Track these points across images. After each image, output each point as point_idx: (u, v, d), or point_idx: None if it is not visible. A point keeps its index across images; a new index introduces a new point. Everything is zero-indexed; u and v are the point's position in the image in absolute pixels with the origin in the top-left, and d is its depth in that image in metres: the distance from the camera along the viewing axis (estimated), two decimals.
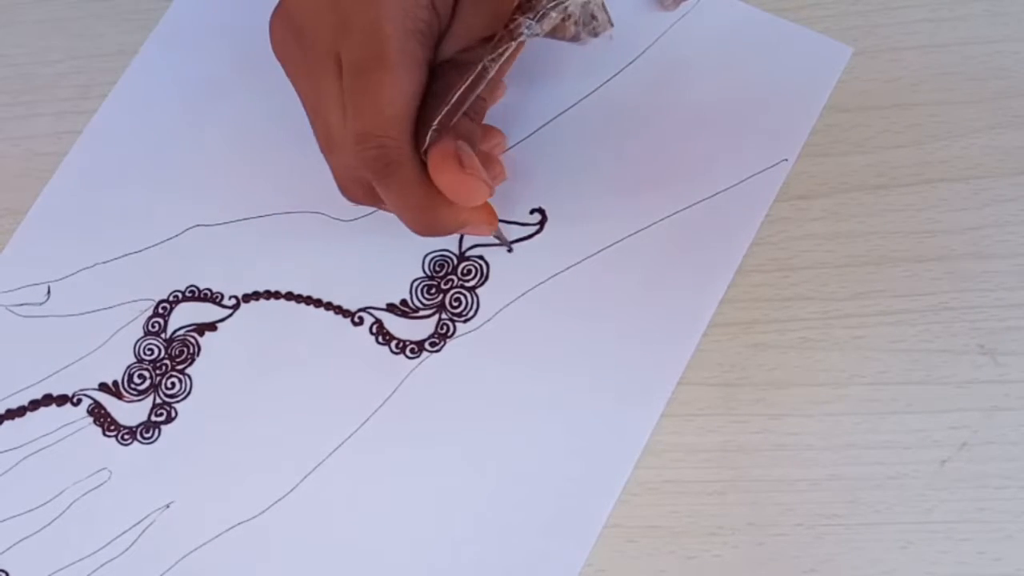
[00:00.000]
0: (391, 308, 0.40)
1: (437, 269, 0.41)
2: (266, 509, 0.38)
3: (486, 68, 0.33)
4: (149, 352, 0.41)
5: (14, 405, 0.41)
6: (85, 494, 0.39)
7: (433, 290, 0.40)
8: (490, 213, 0.37)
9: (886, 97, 0.40)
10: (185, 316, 0.41)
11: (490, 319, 0.40)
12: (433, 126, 0.33)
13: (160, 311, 0.41)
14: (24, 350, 0.42)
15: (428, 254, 0.41)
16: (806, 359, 0.38)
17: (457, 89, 0.33)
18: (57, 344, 0.41)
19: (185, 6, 0.46)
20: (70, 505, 0.39)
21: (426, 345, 0.40)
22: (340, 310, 0.41)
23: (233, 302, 0.41)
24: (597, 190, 0.40)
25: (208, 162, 0.43)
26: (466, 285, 0.40)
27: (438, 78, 0.35)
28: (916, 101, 0.40)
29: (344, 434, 0.39)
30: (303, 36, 0.35)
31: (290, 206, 0.42)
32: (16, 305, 0.42)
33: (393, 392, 0.39)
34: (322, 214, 0.42)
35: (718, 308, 0.38)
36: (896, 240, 0.39)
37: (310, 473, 0.39)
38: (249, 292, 0.41)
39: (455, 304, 0.40)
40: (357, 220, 0.41)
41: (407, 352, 0.40)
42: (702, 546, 0.36)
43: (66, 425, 0.40)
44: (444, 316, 0.40)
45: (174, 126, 0.44)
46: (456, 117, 0.34)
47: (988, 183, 0.39)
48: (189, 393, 0.40)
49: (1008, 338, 0.37)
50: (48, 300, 0.42)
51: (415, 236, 0.36)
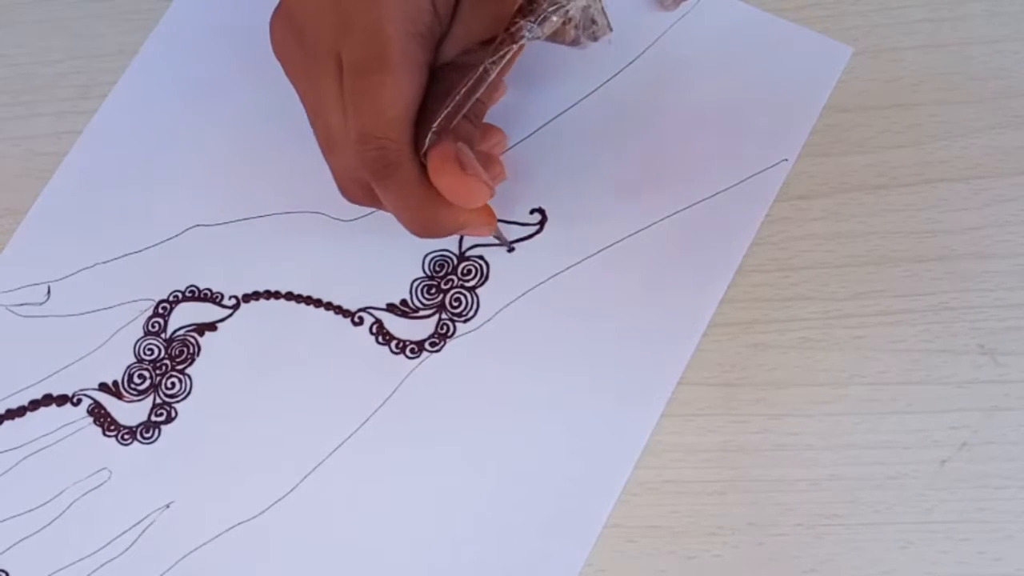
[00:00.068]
0: (391, 308, 0.40)
1: (437, 269, 0.41)
2: (266, 509, 0.38)
3: (486, 71, 0.33)
4: (149, 352, 0.41)
5: (14, 405, 0.41)
6: (85, 494, 0.39)
7: (433, 290, 0.40)
8: (489, 214, 0.37)
9: (886, 97, 0.40)
10: (185, 316, 0.41)
11: (490, 319, 0.40)
12: (433, 128, 0.33)
13: (160, 311, 0.41)
14: (24, 350, 0.42)
15: (428, 254, 0.41)
16: (806, 359, 0.38)
17: (457, 92, 0.33)
18: (57, 344, 0.41)
19: (185, 6, 0.46)
20: (70, 505, 0.39)
21: (426, 345, 0.40)
22: (340, 310, 0.41)
23: (233, 302, 0.41)
24: (597, 190, 0.40)
25: (208, 162, 0.43)
26: (466, 285, 0.40)
27: (438, 80, 0.35)
28: (916, 101, 0.40)
29: (344, 434, 0.39)
30: (304, 36, 0.35)
31: (290, 206, 0.42)
32: (16, 305, 0.42)
33: (393, 392, 0.39)
34: (322, 214, 0.42)
35: (718, 308, 0.38)
36: (896, 240, 0.39)
37: (310, 473, 0.39)
38: (249, 292, 0.41)
39: (455, 304, 0.40)
40: (357, 220, 0.41)
41: (407, 352, 0.40)
42: (702, 546, 0.36)
43: (66, 425, 0.40)
44: (444, 316, 0.40)
45: (174, 126, 0.44)
46: (456, 119, 0.34)
47: (988, 183, 0.39)
48: (189, 393, 0.40)
49: (1008, 338, 0.37)
50: (48, 300, 0.42)
51: (415, 236, 0.36)
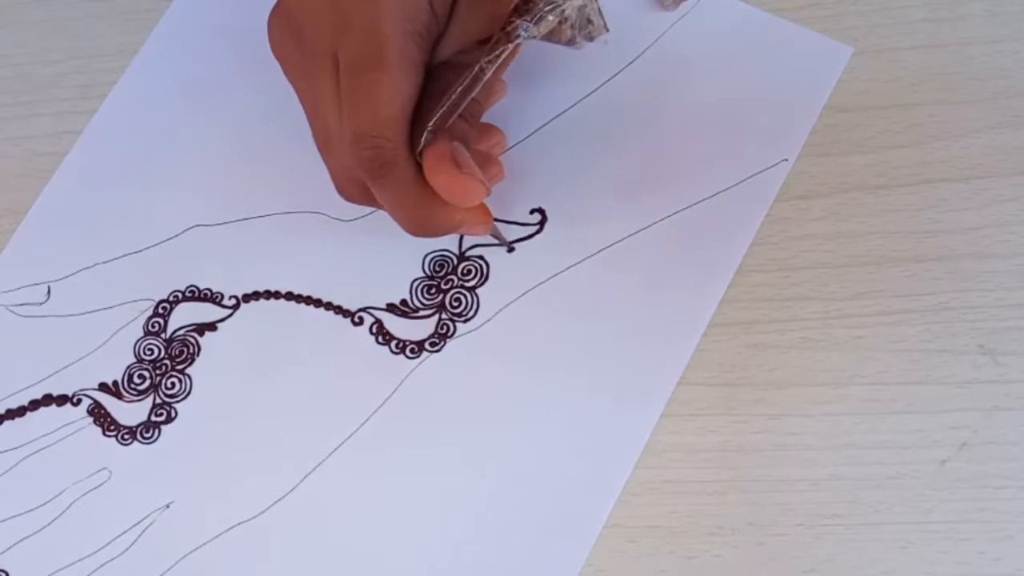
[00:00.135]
0: (391, 308, 0.40)
1: (437, 269, 0.41)
2: (266, 509, 0.38)
3: (482, 70, 0.33)
4: (149, 352, 0.41)
5: (14, 405, 0.41)
6: (85, 494, 0.39)
7: (433, 290, 0.40)
8: (485, 213, 0.37)
9: (886, 97, 0.40)
10: (185, 316, 0.41)
11: (490, 319, 0.40)
12: (428, 127, 0.33)
13: (160, 311, 0.41)
14: (24, 350, 0.42)
15: (428, 254, 0.41)
16: (806, 359, 0.38)
17: (453, 91, 0.33)
18: (57, 344, 0.41)
19: (185, 6, 0.46)
20: (70, 505, 0.39)
21: (426, 345, 0.40)
22: (340, 310, 0.41)
23: (233, 302, 0.41)
24: (597, 190, 0.40)
25: (208, 162, 0.43)
26: (466, 285, 0.40)
27: (435, 80, 0.35)
28: (916, 101, 0.40)
29: (344, 434, 0.39)
30: (301, 35, 0.35)
31: (290, 206, 0.42)
32: (16, 305, 0.42)
33: (393, 392, 0.39)
34: (322, 214, 0.42)
35: (718, 308, 0.38)
36: (896, 240, 0.39)
37: (310, 473, 0.39)
38: (249, 292, 0.41)
39: (455, 304, 0.40)
40: (357, 220, 0.41)
41: (407, 352, 0.40)
42: (702, 546, 0.36)
43: (66, 425, 0.40)
44: (444, 316, 0.40)
45: (174, 126, 0.44)
46: (452, 119, 0.34)
47: (988, 183, 0.39)
48: (189, 393, 0.40)
49: (1008, 338, 0.37)
50: (48, 300, 0.42)
51: (411, 236, 0.36)
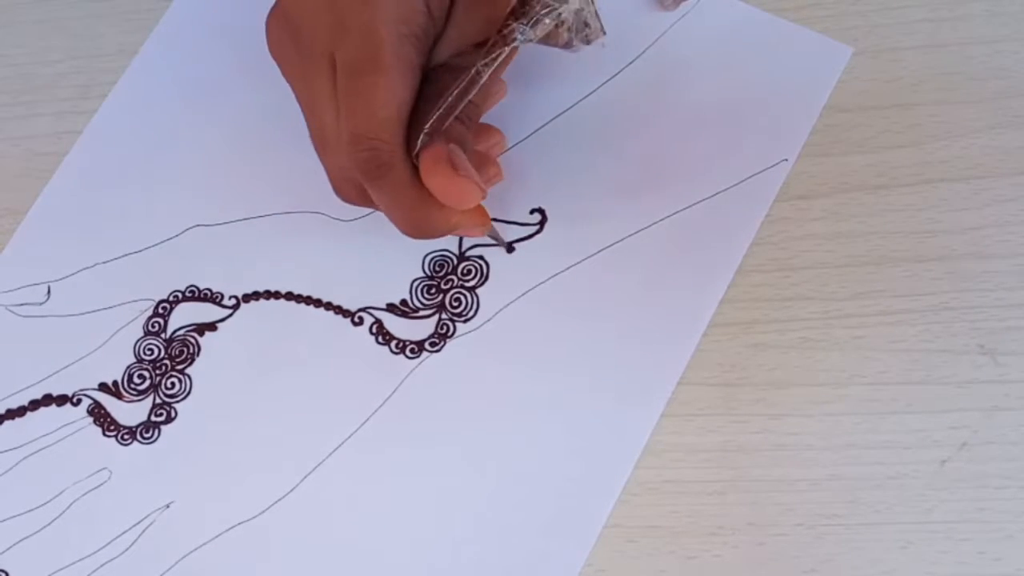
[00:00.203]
0: (391, 308, 0.40)
1: (437, 269, 0.41)
2: (266, 509, 0.38)
3: (479, 73, 0.33)
4: (149, 352, 0.41)
5: (14, 405, 0.41)
6: (85, 494, 0.39)
7: (433, 290, 0.40)
8: (482, 215, 0.37)
9: (886, 97, 0.40)
10: (185, 316, 0.41)
11: (490, 319, 0.40)
12: (425, 129, 0.33)
13: (160, 311, 0.41)
14: (24, 350, 0.42)
15: (428, 254, 0.41)
16: (806, 359, 0.38)
17: (449, 93, 0.33)
18: (57, 344, 0.41)
19: (185, 6, 0.46)
20: (70, 505, 0.39)
21: (426, 345, 0.40)
22: (340, 310, 0.41)
23: (233, 302, 0.41)
24: (597, 190, 0.40)
25: (208, 162, 0.43)
26: (466, 285, 0.40)
27: (431, 82, 0.35)
28: (916, 101, 0.40)
29: (344, 434, 0.39)
30: (299, 36, 0.35)
31: (290, 206, 0.42)
32: (16, 305, 0.42)
33: (393, 392, 0.39)
34: (322, 214, 0.42)
35: (718, 308, 0.38)
36: (896, 240, 0.39)
37: (310, 473, 0.39)
38: (249, 292, 0.41)
39: (455, 304, 0.40)
40: (357, 220, 0.41)
41: (407, 352, 0.40)
42: (702, 546, 0.36)
43: (66, 425, 0.40)
44: (444, 316, 0.40)
45: (174, 126, 0.44)
46: (448, 121, 0.34)
47: (988, 183, 0.39)
48: (189, 393, 0.40)
49: (1008, 338, 0.37)
50: (48, 300, 0.42)
51: (408, 237, 0.36)
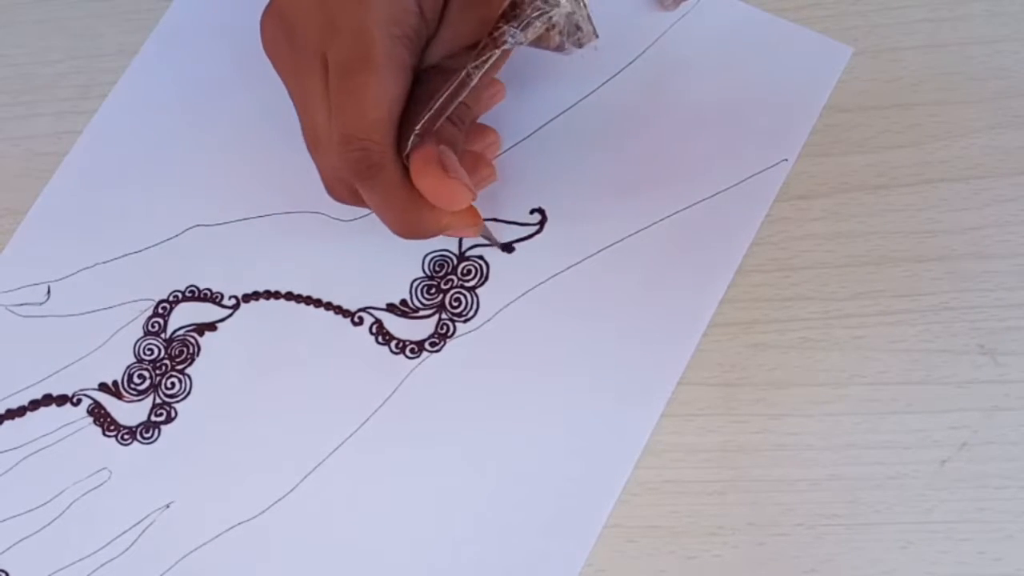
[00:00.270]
0: (391, 308, 0.40)
1: (437, 269, 0.41)
2: (266, 509, 0.38)
3: (469, 75, 0.33)
4: (149, 352, 0.41)
5: (14, 405, 0.41)
6: (85, 494, 0.39)
7: (433, 290, 0.40)
8: (473, 216, 0.37)
9: (886, 97, 0.40)
10: (185, 316, 0.41)
11: (490, 319, 0.40)
12: (416, 131, 0.33)
13: (160, 311, 0.41)
14: (24, 350, 0.42)
15: (428, 254, 0.41)
16: (806, 359, 0.38)
17: (440, 95, 0.33)
18: (57, 344, 0.41)
19: (185, 6, 0.46)
20: (70, 505, 0.39)
21: (426, 345, 0.40)
22: (340, 310, 0.41)
23: (233, 302, 0.41)
24: (597, 190, 0.40)
25: (208, 162, 0.43)
26: (466, 285, 0.40)
27: (423, 83, 0.35)
28: (916, 101, 0.40)
29: (344, 434, 0.39)
30: (292, 35, 0.35)
31: (290, 206, 0.42)
32: (16, 305, 0.42)
33: (393, 392, 0.39)
34: (322, 214, 0.42)
35: (718, 308, 0.38)
36: (896, 240, 0.39)
37: (310, 473, 0.39)
38: (249, 292, 0.41)
39: (455, 304, 0.40)
40: (357, 220, 0.41)
41: (407, 352, 0.40)
42: (702, 546, 0.36)
43: (66, 425, 0.40)
44: (444, 316, 0.40)
45: (174, 126, 0.44)
46: (439, 122, 0.34)
47: (988, 183, 0.39)
48: (189, 393, 0.40)
49: (1008, 338, 0.37)
50: (48, 300, 0.42)
51: (399, 238, 0.36)
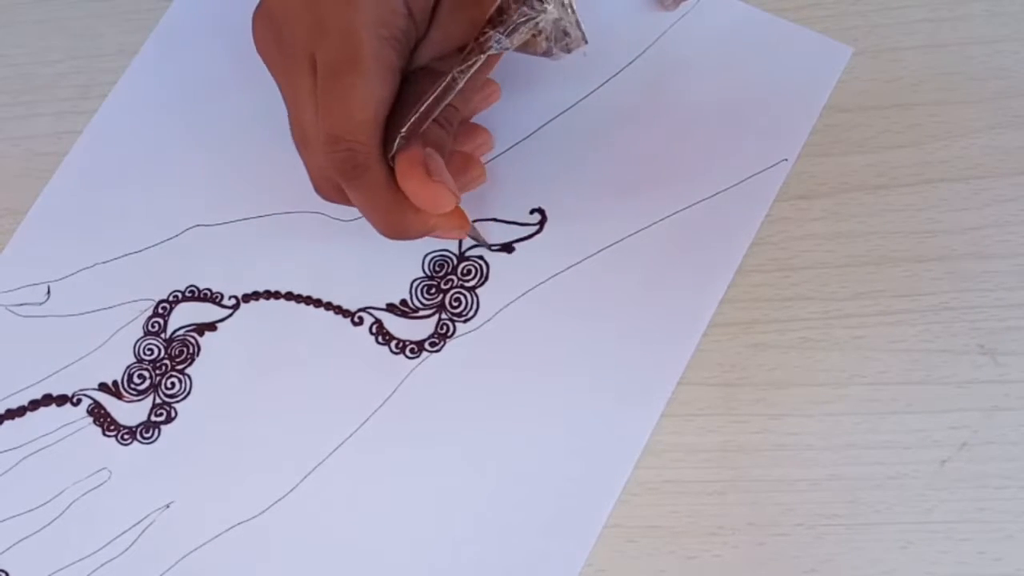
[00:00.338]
0: (391, 308, 0.40)
1: (437, 269, 0.41)
2: (266, 509, 0.38)
3: (455, 79, 0.33)
4: (149, 352, 0.41)
5: (14, 405, 0.41)
6: (85, 494, 0.39)
7: (433, 290, 0.40)
8: (460, 219, 0.37)
9: (886, 97, 0.40)
10: (185, 316, 0.41)
11: (490, 319, 0.40)
12: (402, 133, 0.34)
13: (160, 311, 0.41)
14: (24, 350, 0.41)
15: (428, 254, 0.41)
16: (806, 359, 0.38)
17: (427, 98, 0.33)
18: (57, 344, 0.41)
19: (185, 6, 0.46)
20: (70, 505, 0.39)
21: (426, 345, 0.40)
22: (340, 310, 0.41)
23: (233, 302, 0.41)
24: (597, 190, 0.40)
25: (208, 162, 0.43)
26: (466, 285, 0.40)
27: (412, 84, 0.35)
28: (916, 101, 0.40)
29: (344, 434, 0.39)
30: (281, 35, 0.35)
31: (290, 206, 0.42)
32: (16, 305, 0.42)
33: (393, 392, 0.39)
34: (322, 214, 0.42)
35: (718, 308, 0.38)
36: (896, 240, 0.39)
37: (310, 473, 0.39)
38: (249, 292, 0.41)
39: (455, 304, 0.40)
40: (357, 220, 0.41)
41: (407, 352, 0.40)
42: (702, 546, 0.36)
43: (66, 425, 0.40)
44: (444, 316, 0.40)
45: (174, 126, 0.44)
46: (425, 125, 0.34)
47: (988, 183, 0.39)
48: (189, 393, 0.40)
49: (1008, 338, 0.37)
50: (48, 300, 0.42)
51: (386, 238, 0.36)
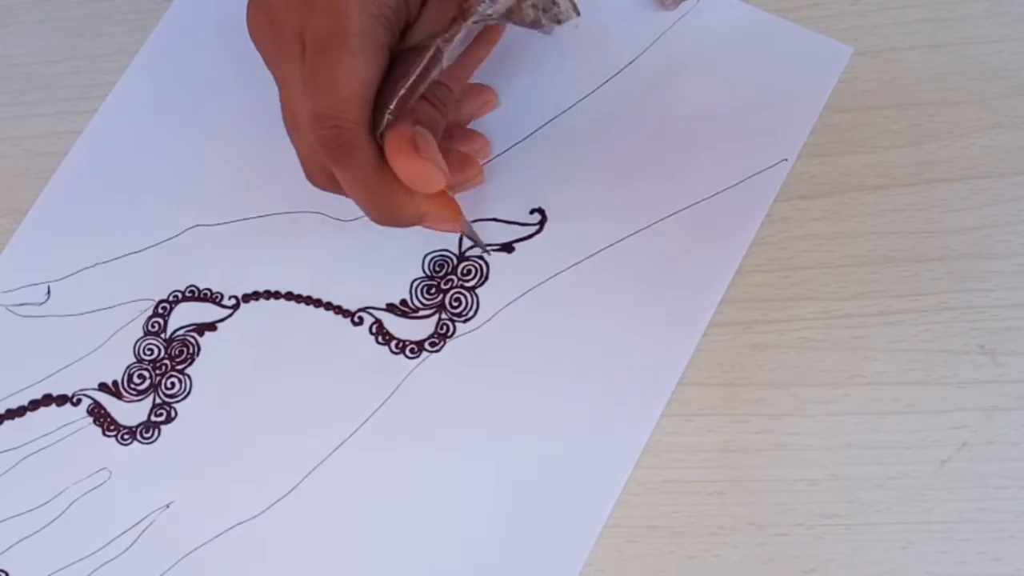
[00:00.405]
0: (391, 308, 0.40)
1: (437, 269, 0.40)
2: (266, 509, 0.38)
3: (439, 49, 0.32)
4: (149, 352, 0.41)
5: (14, 405, 0.41)
6: (85, 494, 0.39)
7: (433, 290, 0.40)
8: (452, 210, 0.36)
9: (886, 97, 0.40)
10: (185, 316, 0.41)
11: (490, 319, 0.40)
12: (389, 109, 0.33)
13: (160, 311, 0.41)
14: (24, 350, 0.41)
15: (428, 254, 0.41)
16: (806, 359, 0.38)
17: (412, 72, 0.33)
18: (57, 344, 0.41)
19: (185, 6, 0.46)
20: (70, 505, 0.39)
21: (426, 345, 0.40)
22: (340, 310, 0.41)
23: (233, 302, 0.41)
24: (597, 190, 0.40)
25: (208, 162, 0.43)
26: (466, 285, 0.40)
27: (403, 63, 0.34)
28: (916, 101, 0.40)
29: (344, 434, 0.39)
30: (273, 19, 0.35)
31: (290, 206, 0.42)
32: (16, 305, 0.42)
33: (393, 392, 0.39)
34: (322, 214, 0.42)
35: (718, 308, 0.38)
36: (896, 240, 0.39)
37: (310, 473, 0.39)
38: (249, 292, 0.41)
39: (455, 304, 0.40)
40: (357, 220, 0.41)
41: (407, 352, 0.40)
42: (702, 546, 0.36)
43: (66, 425, 0.40)
44: (444, 316, 0.40)
45: (174, 126, 0.44)
46: (412, 100, 0.33)
47: (988, 183, 0.39)
48: (189, 393, 0.40)
49: (1008, 338, 0.37)
50: (48, 300, 0.42)
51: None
